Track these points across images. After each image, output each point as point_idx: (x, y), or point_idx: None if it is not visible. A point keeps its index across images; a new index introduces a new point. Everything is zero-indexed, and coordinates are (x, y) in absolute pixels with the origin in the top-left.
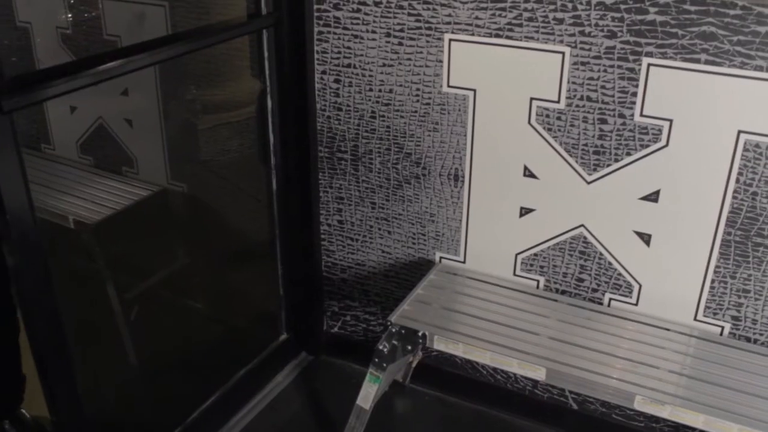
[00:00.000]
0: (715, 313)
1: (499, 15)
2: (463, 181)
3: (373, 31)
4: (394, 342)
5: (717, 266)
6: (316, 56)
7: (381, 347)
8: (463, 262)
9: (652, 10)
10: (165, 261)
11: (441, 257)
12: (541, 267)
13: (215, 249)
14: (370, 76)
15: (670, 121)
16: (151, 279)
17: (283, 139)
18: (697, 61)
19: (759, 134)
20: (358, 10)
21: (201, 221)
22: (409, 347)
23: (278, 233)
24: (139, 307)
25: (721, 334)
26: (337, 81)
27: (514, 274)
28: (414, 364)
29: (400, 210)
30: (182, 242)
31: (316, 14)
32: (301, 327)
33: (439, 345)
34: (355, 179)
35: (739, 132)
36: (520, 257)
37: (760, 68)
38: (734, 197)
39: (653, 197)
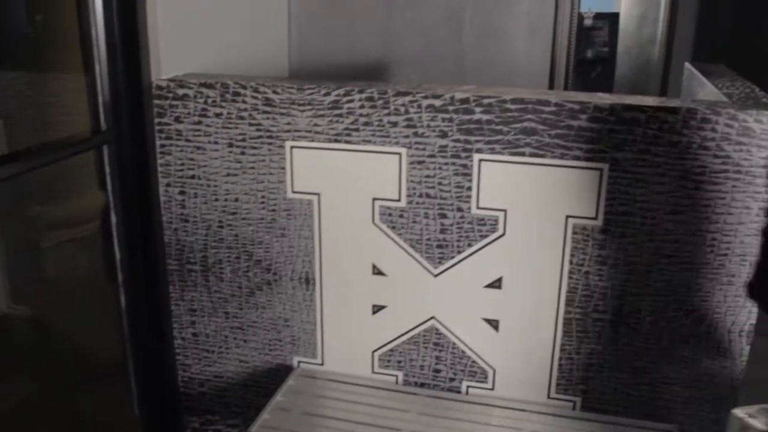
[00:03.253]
0: (566, 389)
1: (337, 121)
2: (314, 284)
3: (216, 142)
4: None
5: (563, 344)
6: (159, 169)
7: None
8: (322, 365)
9: (477, 110)
10: (4, 392)
11: (299, 361)
12: (399, 362)
13: (62, 374)
14: (215, 186)
15: (505, 211)
16: None
17: (129, 255)
18: (523, 154)
19: (583, 218)
20: (200, 122)
21: (46, 345)
22: None
23: (130, 351)
24: None
25: (573, 408)
26: (182, 193)
27: (373, 372)
28: None
29: (254, 317)
30: (25, 370)
31: (157, 127)
32: None
33: None
34: (206, 290)
35: (567, 217)
36: (377, 354)
37: (577, 158)
38: (570, 277)
39: (497, 284)
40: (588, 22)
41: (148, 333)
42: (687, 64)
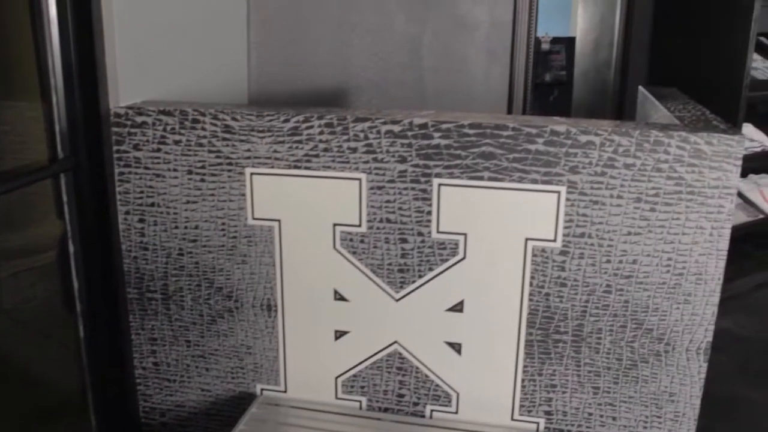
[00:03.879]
0: (529, 411)
1: (297, 147)
2: (276, 311)
3: (175, 169)
4: None
5: (525, 366)
6: (118, 197)
7: None
8: (285, 392)
9: (436, 135)
10: None
11: (262, 389)
12: (362, 387)
13: (19, 408)
14: (175, 213)
15: (465, 234)
16: None
17: (88, 284)
18: (481, 178)
19: (543, 240)
20: (159, 150)
21: (2, 377)
22: None
23: (89, 382)
24: None
25: (537, 429)
26: (141, 220)
27: (336, 398)
28: None
29: (216, 345)
30: None
31: (116, 155)
32: None
33: None
34: (167, 318)
35: (527, 239)
36: (340, 380)
37: (535, 181)
38: (530, 299)
39: (458, 308)
40: (545, 46)
41: (108, 363)
42: (641, 88)
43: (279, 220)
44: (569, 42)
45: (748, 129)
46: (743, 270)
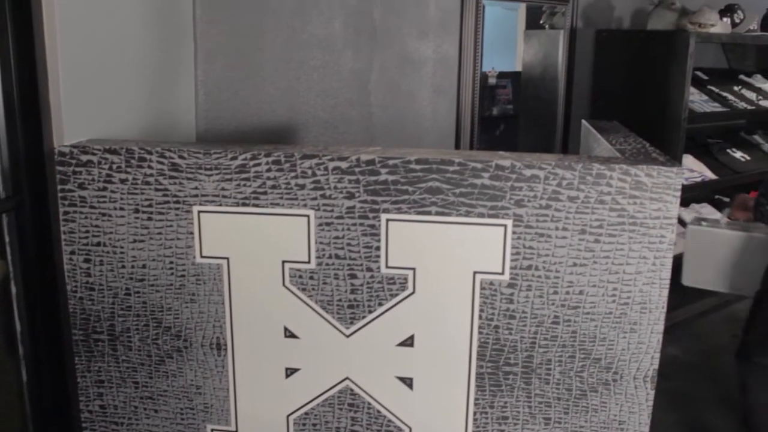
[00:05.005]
0: None
1: (244, 185)
2: (226, 349)
3: (122, 208)
4: None
5: (476, 399)
6: (63, 237)
7: None
8: (236, 431)
9: (383, 171)
10: None
11: (212, 429)
12: (314, 425)
13: None
14: (122, 252)
15: (414, 269)
16: None
17: (31, 326)
18: (429, 213)
19: (491, 273)
20: (105, 188)
21: None
22: None
23: (32, 429)
24: None
25: None
26: (87, 260)
27: None
28: None
29: (164, 386)
30: None
31: (60, 194)
32: None
33: None
34: (114, 360)
35: (475, 273)
36: (291, 418)
37: (481, 215)
38: (480, 332)
39: (409, 342)
40: (492, 80)
41: (53, 407)
42: (584, 121)
43: (227, 258)
44: (516, 76)
45: (688, 160)
46: (688, 297)
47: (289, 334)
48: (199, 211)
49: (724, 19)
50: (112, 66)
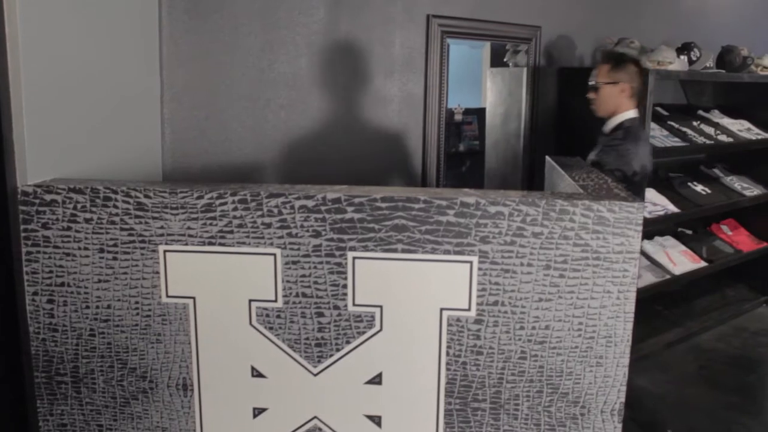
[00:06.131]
0: None
1: (211, 224)
2: (192, 390)
3: (86, 248)
4: None
5: None
6: (26, 277)
7: None
8: None
9: (349, 209)
10: None
11: None
12: None
13: None
14: (86, 293)
15: (381, 307)
16: None
17: None
18: (395, 250)
19: (457, 309)
20: (69, 228)
21: None
22: None
23: None
24: None
25: None
26: (50, 301)
27: None
28: None
29: (130, 428)
30: None
31: (23, 234)
32: None
33: None
34: (78, 402)
35: (442, 309)
36: None
37: (448, 252)
38: (448, 369)
39: (377, 380)
40: (459, 117)
41: None
42: (547, 158)
43: (194, 298)
44: (481, 113)
45: (651, 193)
46: (655, 329)
47: (257, 374)
48: (165, 251)
49: (682, 57)
50: (77, 104)
